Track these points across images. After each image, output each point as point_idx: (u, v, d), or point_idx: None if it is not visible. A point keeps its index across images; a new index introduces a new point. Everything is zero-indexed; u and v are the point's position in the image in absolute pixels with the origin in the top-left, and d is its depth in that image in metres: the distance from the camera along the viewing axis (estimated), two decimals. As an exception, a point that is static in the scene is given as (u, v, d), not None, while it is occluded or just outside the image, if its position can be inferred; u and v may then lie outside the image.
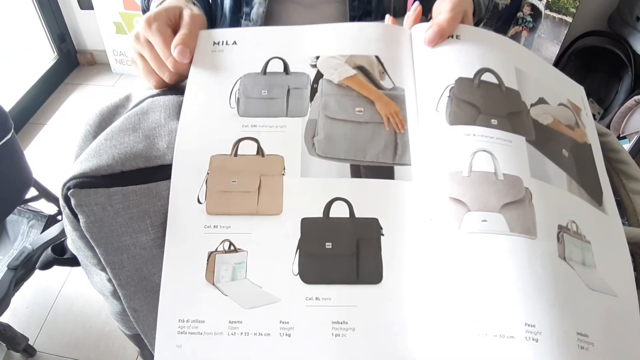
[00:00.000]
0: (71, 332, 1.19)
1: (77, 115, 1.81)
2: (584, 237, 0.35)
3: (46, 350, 1.15)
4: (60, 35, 1.97)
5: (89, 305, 1.23)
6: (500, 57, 0.41)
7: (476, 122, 0.36)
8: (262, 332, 0.32)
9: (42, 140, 1.74)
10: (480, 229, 0.31)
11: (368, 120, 0.37)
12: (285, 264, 0.33)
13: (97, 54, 2.05)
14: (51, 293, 1.26)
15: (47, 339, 1.17)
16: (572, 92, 0.46)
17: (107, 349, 1.15)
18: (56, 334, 1.18)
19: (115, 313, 0.42)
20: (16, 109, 1.75)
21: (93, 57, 2.07)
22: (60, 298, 1.26)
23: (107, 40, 1.92)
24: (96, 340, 1.17)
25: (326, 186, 0.35)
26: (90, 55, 2.06)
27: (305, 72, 0.40)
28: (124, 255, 0.34)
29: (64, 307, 1.24)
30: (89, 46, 2.05)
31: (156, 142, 0.36)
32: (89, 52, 2.06)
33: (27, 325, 1.19)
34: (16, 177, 0.96)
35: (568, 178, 0.38)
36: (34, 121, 1.82)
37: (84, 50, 2.06)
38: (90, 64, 2.08)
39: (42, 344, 1.16)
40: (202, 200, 0.35)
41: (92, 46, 2.04)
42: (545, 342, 0.28)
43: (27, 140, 1.73)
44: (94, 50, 2.05)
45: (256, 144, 0.36)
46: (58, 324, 1.20)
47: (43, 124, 1.81)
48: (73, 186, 0.33)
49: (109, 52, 1.96)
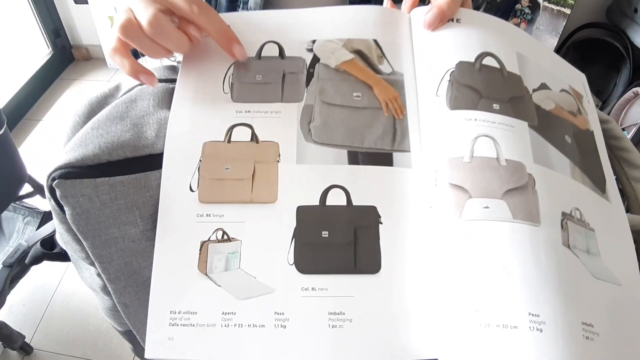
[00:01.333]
0: (68, 330, 1.18)
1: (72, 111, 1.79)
2: (588, 224, 0.34)
3: (43, 348, 1.15)
4: (55, 30, 1.95)
5: (86, 302, 1.23)
6: (501, 41, 0.40)
7: (477, 106, 0.35)
8: (257, 324, 0.31)
9: (37, 136, 1.73)
10: (482, 216, 0.30)
11: (366, 106, 0.36)
12: (280, 253, 0.32)
13: (93, 48, 2.04)
14: (48, 290, 1.25)
15: (43, 337, 1.17)
16: (574, 78, 0.45)
17: (105, 346, 1.15)
18: (53, 331, 1.18)
19: (106, 309, 0.42)
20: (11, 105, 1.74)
21: (88, 52, 2.06)
22: (57, 295, 1.25)
23: (103, 35, 1.90)
24: (94, 338, 1.16)
25: (323, 173, 0.34)
26: (86, 50, 2.05)
27: (301, 57, 0.39)
28: (113, 248, 0.33)
29: (60, 304, 1.23)
30: (84, 41, 2.04)
31: (144, 130, 0.35)
32: (84, 47, 2.04)
33: (23, 322, 1.18)
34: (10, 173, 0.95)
35: (571, 165, 0.37)
36: (29, 117, 1.80)
37: (79, 45, 2.05)
38: (86, 59, 2.07)
39: (38, 342, 1.15)
40: (195, 188, 0.34)
41: (87, 41, 2.03)
42: (550, 333, 0.27)
43: (22, 136, 1.72)
44: (89, 45, 2.04)
45: (250, 130, 0.35)
46: (55, 321, 1.19)
47: (38, 119, 1.80)
48: (58, 177, 0.32)
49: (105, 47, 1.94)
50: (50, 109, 1.84)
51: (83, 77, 2.00)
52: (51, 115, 1.81)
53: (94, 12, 1.84)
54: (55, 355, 1.14)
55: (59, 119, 1.79)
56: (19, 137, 1.71)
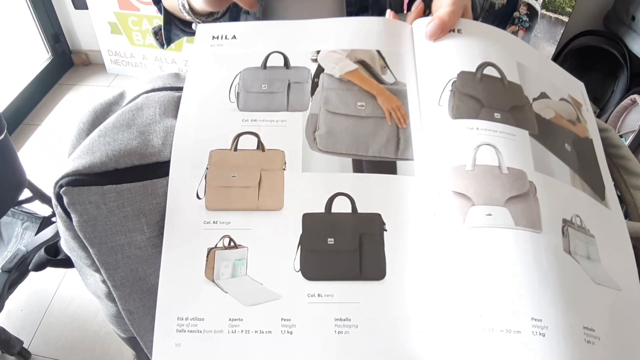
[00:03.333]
0: (67, 335, 1.17)
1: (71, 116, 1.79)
2: (588, 231, 0.35)
3: (41, 354, 1.14)
4: (55, 35, 1.95)
5: (85, 308, 1.22)
6: (502, 51, 0.40)
7: (479, 115, 0.36)
8: (263, 330, 0.31)
9: (37, 141, 1.73)
10: (485, 223, 0.31)
11: (370, 115, 0.37)
12: (286, 260, 0.32)
13: (92, 54, 2.04)
14: (46, 295, 1.25)
15: (42, 342, 1.16)
16: (573, 87, 0.45)
17: (103, 352, 1.14)
18: (51, 336, 1.17)
19: (110, 315, 0.42)
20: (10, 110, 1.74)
21: (88, 58, 2.05)
22: (55, 300, 1.24)
23: (102, 41, 1.91)
24: (92, 343, 1.15)
25: (328, 181, 0.34)
26: (85, 56, 2.05)
27: (305, 67, 0.39)
28: (119, 255, 0.34)
29: (59, 309, 1.22)
30: (83, 46, 2.04)
31: (151, 138, 0.35)
32: (84, 53, 2.04)
33: (21, 328, 1.18)
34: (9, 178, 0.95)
35: (571, 172, 0.37)
36: (28, 122, 1.80)
37: (79, 50, 2.05)
38: (85, 65, 2.07)
39: (37, 347, 1.15)
40: (202, 196, 0.34)
41: (87, 46, 2.03)
42: (552, 337, 0.28)
43: (21, 141, 1.72)
44: (88, 50, 2.04)
45: (256, 138, 0.36)
46: (53, 327, 1.19)
47: (37, 124, 1.79)
48: (65, 184, 0.32)
49: (104, 53, 1.95)
50: (49, 114, 1.83)
51: (82, 82, 1.99)
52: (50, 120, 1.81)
53: (94, 18, 1.84)
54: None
55: (58, 124, 1.79)
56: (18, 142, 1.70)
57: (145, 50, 1.91)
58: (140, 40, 1.89)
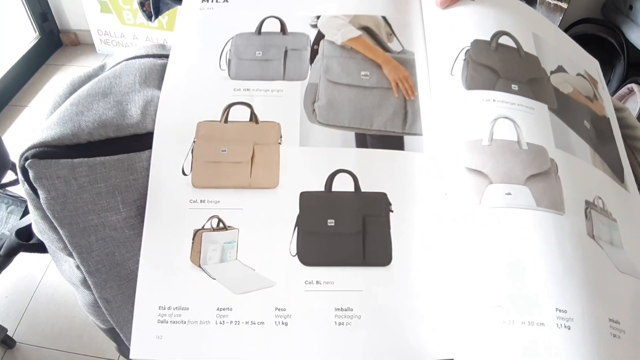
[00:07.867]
0: (53, 322, 1.15)
1: (59, 98, 1.75)
2: (610, 214, 0.32)
3: (26, 341, 1.12)
4: (42, 14, 1.90)
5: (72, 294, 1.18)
6: (517, 20, 0.38)
7: (495, 87, 0.33)
8: (255, 321, 0.29)
9: (23, 122, 1.69)
10: (504, 203, 0.28)
11: (375, 85, 0.34)
12: (281, 243, 0.30)
13: (81, 33, 1.99)
14: (32, 281, 1.22)
15: (27, 330, 1.14)
16: (588, 64, 0.43)
17: (91, 340, 1.12)
18: (37, 324, 1.15)
19: (87, 304, 0.39)
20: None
21: (77, 37, 2.01)
22: (41, 286, 1.21)
23: (92, 20, 1.86)
24: (79, 331, 1.13)
25: (328, 157, 0.32)
26: (74, 35, 2.00)
27: (304, 33, 0.36)
28: (92, 237, 0.31)
29: (45, 296, 1.20)
30: (72, 26, 1.99)
31: (129, 108, 0.32)
32: (73, 32, 1.99)
33: (6, 315, 1.15)
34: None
35: (592, 151, 0.35)
36: (15, 103, 1.77)
37: (67, 30, 2.00)
38: (74, 44, 2.02)
39: (22, 335, 1.13)
40: (188, 172, 0.32)
41: (76, 26, 1.98)
42: (578, 330, 0.25)
43: (7, 122, 1.69)
44: (77, 30, 1.99)
45: (249, 109, 0.33)
46: (39, 314, 1.17)
47: (24, 106, 1.76)
48: (31, 156, 0.29)
49: (94, 32, 1.90)
50: (36, 95, 1.80)
51: (71, 62, 1.95)
52: (37, 102, 1.77)
53: (83, -4, 1.79)
54: (39, 349, 1.11)
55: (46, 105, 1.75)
56: (3, 123, 1.68)
57: (136, 30, 1.87)
58: (131, 20, 1.84)
